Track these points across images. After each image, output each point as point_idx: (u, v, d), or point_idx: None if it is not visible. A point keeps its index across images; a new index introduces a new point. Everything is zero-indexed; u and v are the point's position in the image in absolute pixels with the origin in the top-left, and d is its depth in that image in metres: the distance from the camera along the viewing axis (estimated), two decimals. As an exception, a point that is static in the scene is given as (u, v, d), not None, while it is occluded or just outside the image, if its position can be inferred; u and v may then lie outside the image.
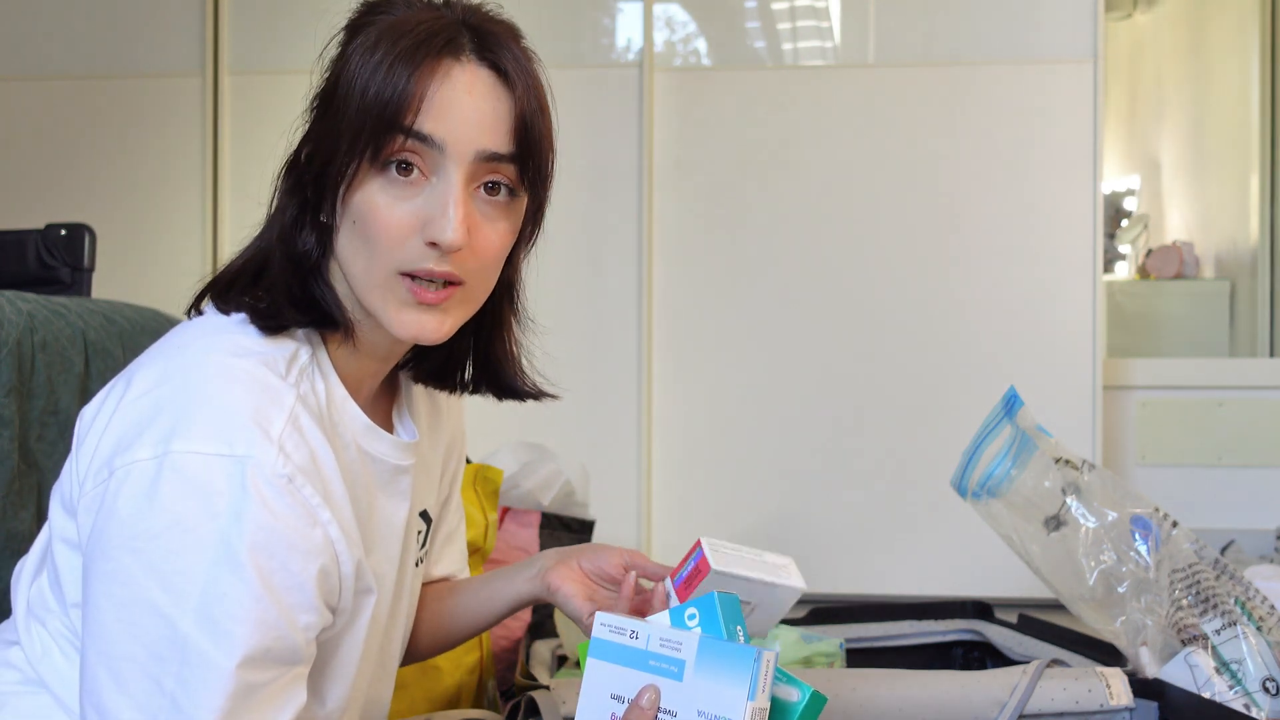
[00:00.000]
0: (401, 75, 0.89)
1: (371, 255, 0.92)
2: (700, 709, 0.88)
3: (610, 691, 0.93)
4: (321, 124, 0.93)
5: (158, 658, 0.84)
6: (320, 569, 0.89)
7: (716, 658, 0.89)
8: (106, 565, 0.86)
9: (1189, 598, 1.51)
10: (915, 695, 1.35)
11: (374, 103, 0.89)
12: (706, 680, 0.89)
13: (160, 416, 0.87)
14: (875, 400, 2.92)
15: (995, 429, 1.64)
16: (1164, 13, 4.69)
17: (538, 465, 2.28)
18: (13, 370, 1.26)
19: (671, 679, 0.90)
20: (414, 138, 0.90)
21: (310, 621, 0.89)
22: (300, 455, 0.89)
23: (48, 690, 0.98)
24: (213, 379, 0.89)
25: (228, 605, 0.84)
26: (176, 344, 0.95)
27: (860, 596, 2.88)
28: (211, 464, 0.85)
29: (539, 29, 3.15)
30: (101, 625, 0.85)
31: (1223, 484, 3.06)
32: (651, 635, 0.92)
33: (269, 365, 0.92)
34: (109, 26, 3.08)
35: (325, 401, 0.95)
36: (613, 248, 2.96)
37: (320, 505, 0.89)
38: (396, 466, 1.03)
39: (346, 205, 0.92)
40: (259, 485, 0.85)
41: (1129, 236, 4.73)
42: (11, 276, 1.74)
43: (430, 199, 0.91)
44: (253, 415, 0.87)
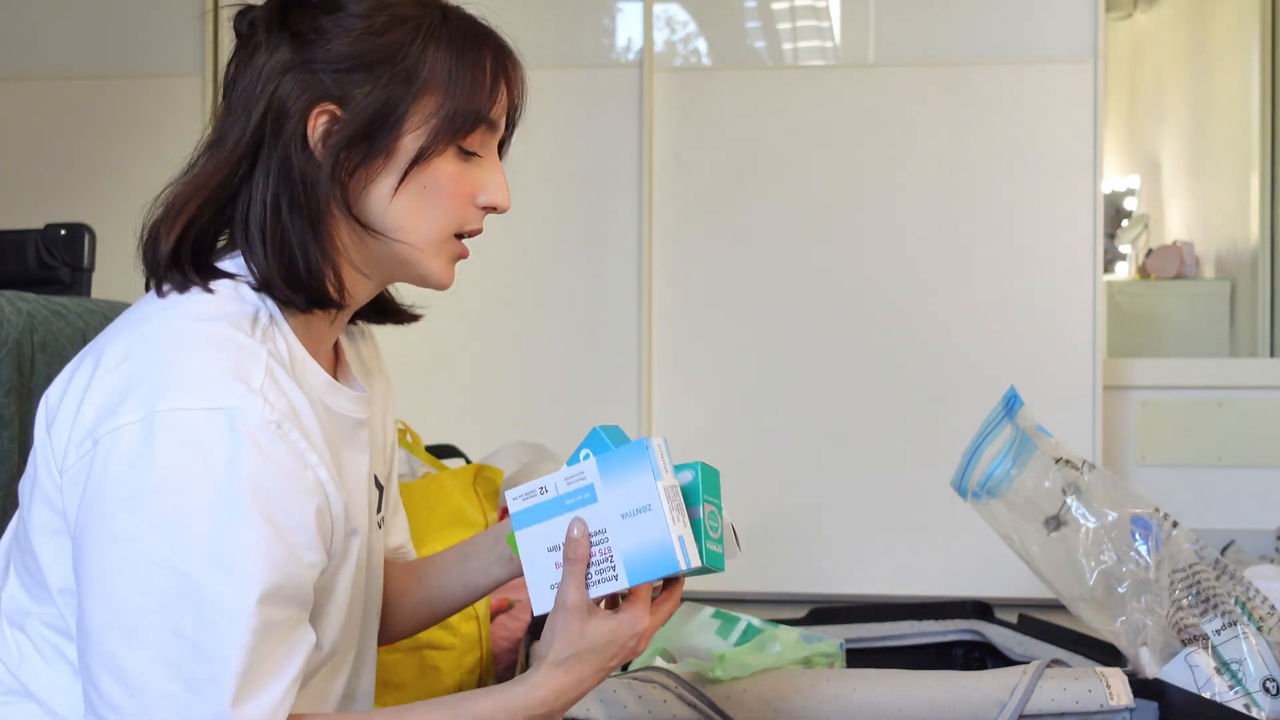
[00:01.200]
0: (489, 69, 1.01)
1: (437, 218, 1.01)
2: (621, 513, 0.95)
3: (546, 547, 0.99)
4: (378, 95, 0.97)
5: (171, 609, 0.85)
6: (317, 509, 0.91)
7: (616, 465, 0.96)
8: (104, 529, 0.86)
9: (1189, 598, 1.51)
10: (915, 695, 1.35)
11: (472, 97, 1.00)
12: (616, 488, 0.95)
13: (140, 383, 0.89)
14: (875, 400, 2.92)
15: (995, 429, 1.64)
16: (1164, 13, 4.69)
17: (538, 465, 2.28)
18: (13, 370, 1.27)
19: (589, 505, 0.96)
20: (491, 126, 1.03)
21: (314, 559, 0.91)
22: (282, 405, 0.91)
23: (32, 698, 0.97)
24: (186, 342, 0.91)
25: (237, 546, 0.86)
26: (139, 318, 0.97)
27: (860, 596, 2.88)
28: (200, 418, 0.87)
29: (539, 29, 3.17)
30: (106, 590, 0.86)
31: (1223, 484, 3.06)
32: (557, 482, 0.99)
33: (236, 326, 0.94)
34: (109, 26, 3.08)
35: (289, 360, 0.98)
36: (613, 248, 2.96)
37: (307, 449, 0.92)
38: (356, 420, 1.05)
39: (418, 172, 0.99)
40: (251, 431, 0.87)
41: (1129, 236, 4.73)
42: (11, 276, 1.74)
43: (484, 170, 1.04)
44: (232, 370, 0.90)
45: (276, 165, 0.97)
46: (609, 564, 0.95)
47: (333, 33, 0.98)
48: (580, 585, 0.95)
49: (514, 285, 2.93)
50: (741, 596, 2.92)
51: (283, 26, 0.99)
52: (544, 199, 2.97)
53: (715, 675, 1.37)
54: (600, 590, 0.95)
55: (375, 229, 0.99)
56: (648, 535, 0.94)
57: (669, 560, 0.93)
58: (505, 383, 2.97)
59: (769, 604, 2.87)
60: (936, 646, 1.76)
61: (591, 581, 0.95)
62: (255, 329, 0.95)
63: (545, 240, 2.97)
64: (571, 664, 0.96)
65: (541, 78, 3.47)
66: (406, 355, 2.55)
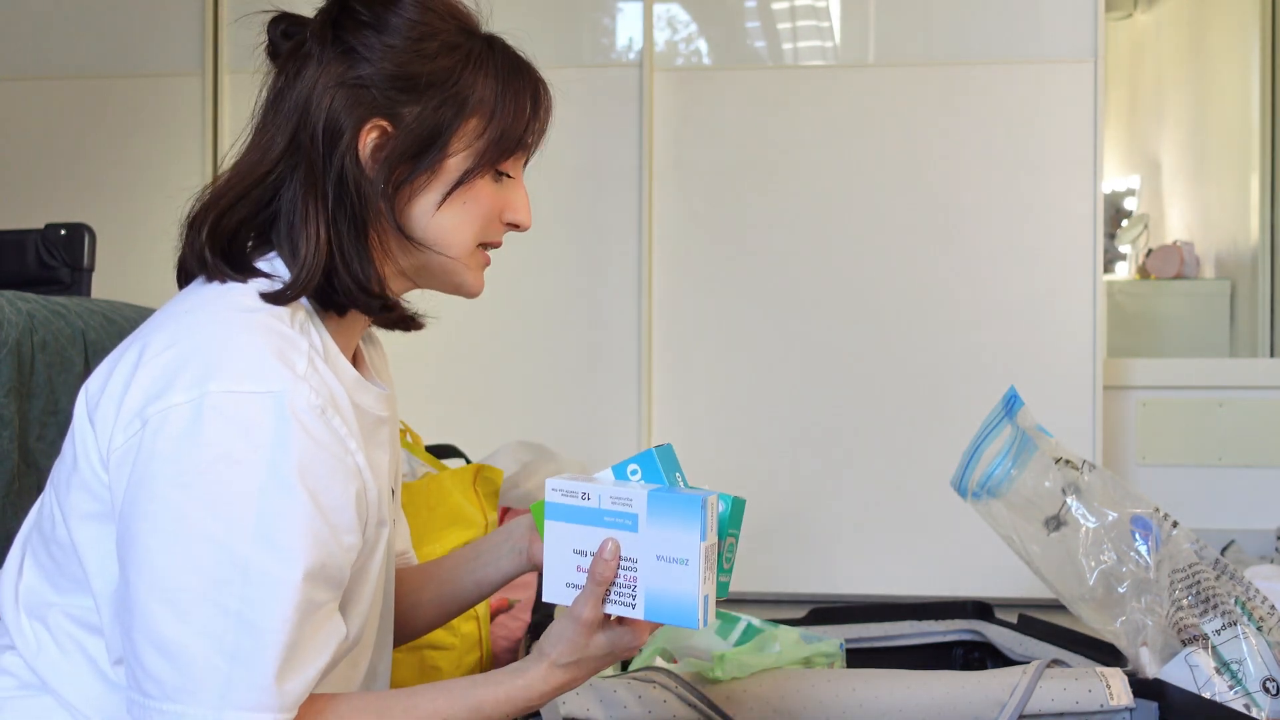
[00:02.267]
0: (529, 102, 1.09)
1: (472, 230, 1.07)
2: (658, 554, 0.97)
3: (572, 547, 1.01)
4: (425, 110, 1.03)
5: (217, 582, 0.88)
6: (357, 492, 0.95)
7: (666, 508, 0.97)
8: (152, 506, 0.89)
9: (1189, 598, 1.51)
10: (915, 695, 1.35)
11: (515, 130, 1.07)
12: (660, 529, 0.97)
13: (188, 365, 0.92)
14: (875, 400, 2.92)
15: (995, 429, 1.64)
16: (1164, 13, 4.69)
17: (538, 465, 2.28)
18: (13, 370, 1.27)
19: (627, 531, 0.98)
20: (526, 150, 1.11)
21: (352, 542, 0.95)
22: (324, 391, 0.96)
23: (48, 690, 0.98)
24: (233, 328, 0.95)
25: (284, 523, 0.89)
26: (182, 309, 1.00)
27: (860, 596, 2.88)
28: (248, 400, 0.90)
29: (539, 29, 3.16)
30: (153, 565, 0.88)
31: (1223, 484, 3.06)
32: (602, 494, 1.00)
33: (277, 317, 0.98)
34: (109, 26, 3.08)
35: (324, 355, 1.01)
36: (613, 248, 2.96)
37: (347, 435, 0.96)
38: (379, 418, 1.08)
39: (462, 190, 1.05)
40: (298, 413, 0.91)
41: (1129, 236, 4.73)
42: (11, 276, 1.74)
43: (511, 189, 1.11)
44: (278, 355, 0.94)
45: (332, 176, 1.01)
46: (630, 591, 0.98)
47: (385, 53, 1.03)
48: (597, 603, 0.99)
49: (514, 285, 2.93)
50: (741, 596, 2.92)
51: (336, 41, 1.03)
52: (544, 199, 2.95)
53: (715, 675, 1.37)
54: (614, 609, 0.99)
55: (418, 240, 1.05)
56: (677, 585, 0.97)
57: (689, 615, 0.97)
58: (505, 383, 2.97)
59: (769, 604, 2.87)
60: (936, 646, 1.76)
61: (609, 599, 0.99)
62: (294, 322, 0.99)
63: (545, 240, 2.97)
64: (571, 668, 1.01)
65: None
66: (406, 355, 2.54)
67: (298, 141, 1.02)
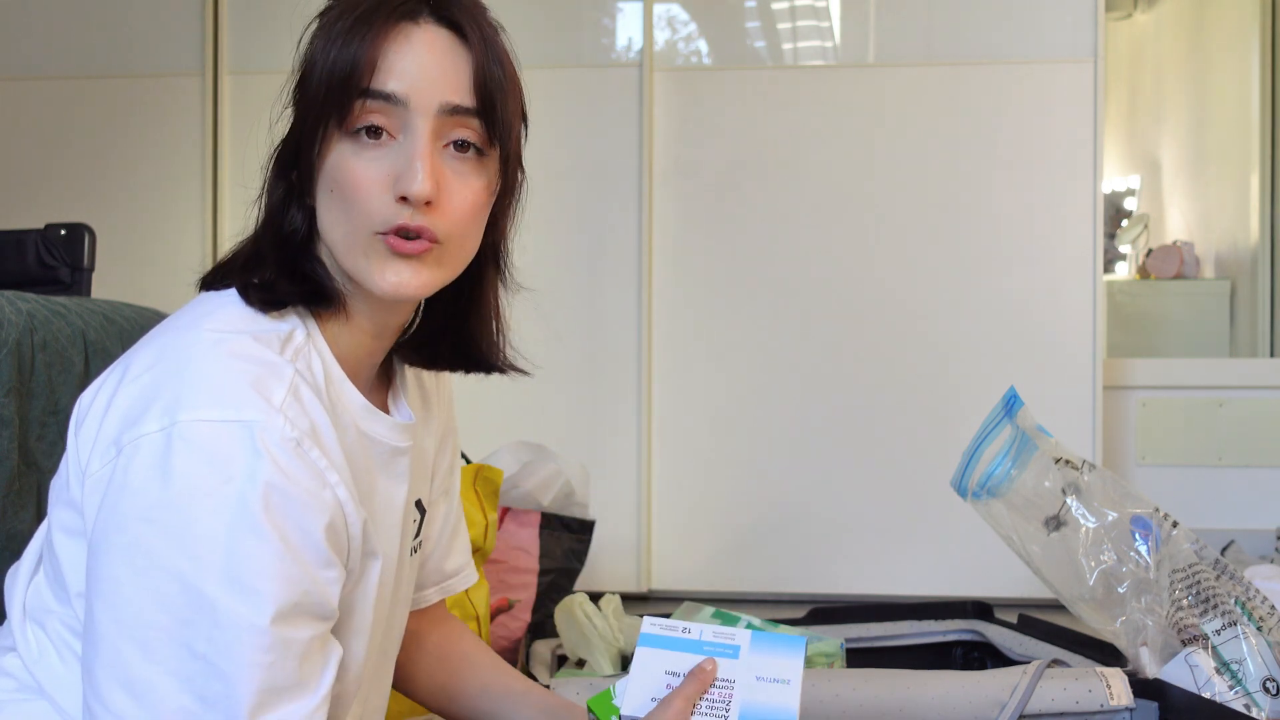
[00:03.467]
0: (358, 40, 0.93)
1: (349, 219, 0.94)
2: (758, 676, 1.00)
3: (665, 669, 1.02)
4: (297, 106, 0.97)
5: (185, 623, 0.84)
6: (329, 523, 0.90)
7: (768, 642, 1.02)
8: (122, 538, 0.86)
9: (1189, 598, 1.51)
10: (915, 695, 1.35)
11: (334, 70, 0.93)
12: (762, 656, 1.01)
13: (163, 391, 0.89)
14: (875, 400, 2.92)
15: (995, 429, 1.64)
16: (1164, 13, 4.69)
17: (538, 465, 2.28)
18: (13, 370, 1.26)
19: (728, 658, 1.01)
20: (375, 98, 0.93)
21: (332, 575, 0.91)
22: (303, 423, 0.90)
23: (44, 696, 0.97)
24: (210, 353, 0.91)
25: (252, 564, 0.85)
26: (170, 326, 0.97)
27: (860, 596, 2.88)
28: (220, 430, 0.86)
29: (539, 29, 3.16)
30: (121, 599, 0.85)
31: (1223, 484, 3.06)
32: (704, 630, 1.03)
33: (263, 342, 0.93)
34: (109, 26, 3.08)
35: (323, 381, 0.97)
36: (613, 248, 2.96)
37: (328, 468, 0.91)
38: (395, 448, 1.04)
39: (321, 175, 0.95)
40: (269, 446, 0.87)
41: (1129, 236, 4.73)
42: (11, 276, 1.74)
43: (398, 155, 0.94)
44: (254, 384, 0.89)
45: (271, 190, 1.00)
46: (723, 706, 0.99)
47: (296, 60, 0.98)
48: (690, 701, 0.99)
49: (513, 285, 2.93)
50: (742, 596, 2.92)
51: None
52: (544, 199, 2.96)
53: (715, 675, 1.36)
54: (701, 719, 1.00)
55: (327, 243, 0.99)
56: (776, 701, 0.99)
57: None
58: (505, 383, 2.96)
59: (769, 604, 2.87)
60: (936, 646, 1.76)
61: (699, 710, 0.99)
62: (286, 347, 0.95)
63: (545, 240, 2.97)
64: None
65: (541, 78, 3.48)
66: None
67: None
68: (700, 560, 2.95)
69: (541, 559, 2.20)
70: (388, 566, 1.04)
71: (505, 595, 2.15)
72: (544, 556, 2.20)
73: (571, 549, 2.26)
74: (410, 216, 0.93)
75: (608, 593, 1.79)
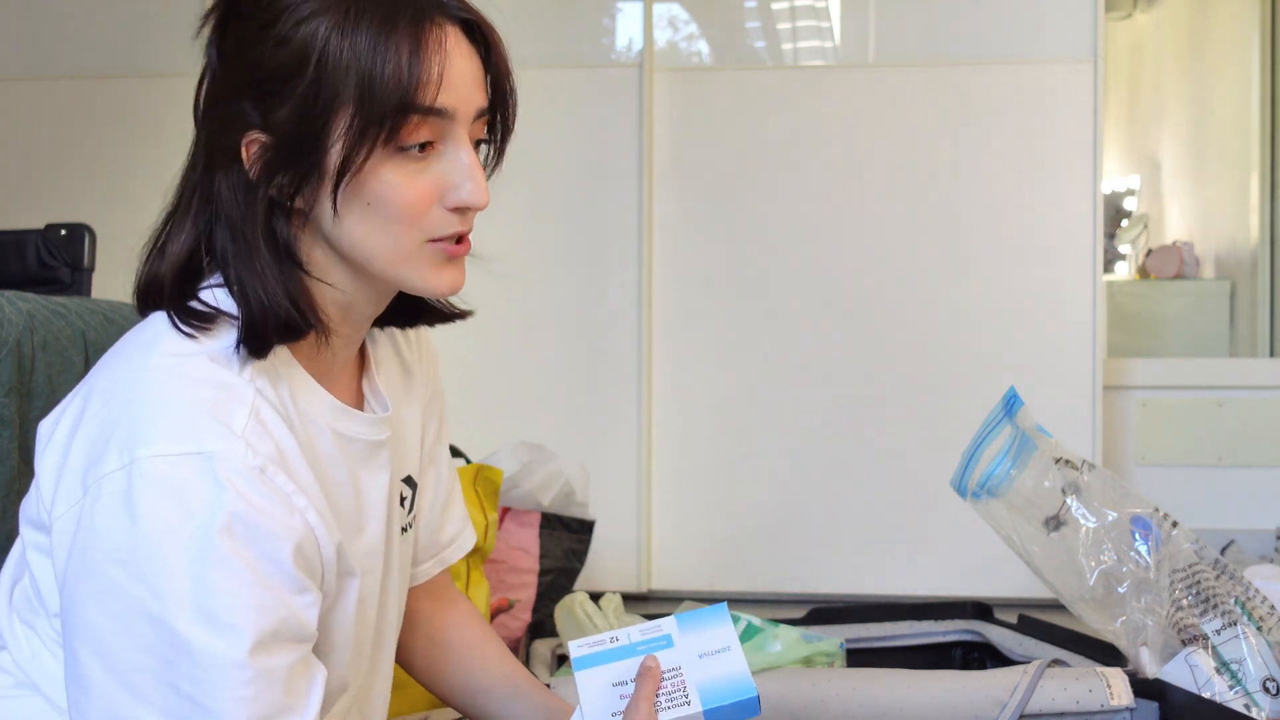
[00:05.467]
0: (406, 52, 0.89)
1: (397, 232, 0.92)
2: (700, 653, 1.01)
3: (610, 682, 1.01)
4: (296, 110, 0.89)
5: (167, 663, 0.83)
6: (297, 548, 0.88)
7: (693, 620, 1.03)
8: (96, 583, 0.85)
9: (1189, 598, 1.51)
10: (915, 695, 1.35)
11: (387, 85, 0.88)
12: (694, 635, 1.02)
13: (120, 426, 0.87)
14: (875, 400, 2.92)
15: (995, 429, 1.64)
16: (1164, 13, 4.69)
17: (538, 465, 2.28)
18: (13, 370, 1.26)
19: (664, 649, 1.01)
20: (432, 114, 0.90)
21: (306, 600, 0.89)
22: (266, 446, 0.88)
23: (39, 693, 0.97)
24: (165, 380, 0.89)
25: (223, 599, 0.83)
26: (125, 349, 0.94)
27: (860, 596, 2.88)
28: (180, 464, 0.84)
29: (539, 29, 3.16)
30: (104, 643, 0.84)
31: (1223, 484, 3.06)
32: (630, 632, 1.03)
33: (219, 362, 0.91)
34: (109, 26, 3.08)
35: (289, 392, 0.95)
36: (613, 248, 2.96)
37: (295, 492, 0.89)
38: (374, 443, 1.03)
39: (356, 188, 0.91)
40: (231, 477, 0.85)
41: (1129, 236, 4.73)
42: (11, 276, 1.74)
43: (446, 167, 0.93)
44: (211, 412, 0.87)
45: (218, 199, 0.93)
46: (681, 693, 0.99)
47: (249, 50, 0.90)
48: (651, 699, 0.98)
49: (513, 285, 2.93)
50: (741, 596, 2.92)
51: (220, 46, 0.93)
52: (544, 199, 2.97)
53: (715, 675, 1.36)
54: (668, 715, 0.99)
55: (340, 250, 0.94)
56: (726, 669, 1.00)
57: (746, 687, 0.99)
58: (505, 383, 2.97)
59: (769, 604, 2.87)
60: (936, 646, 1.76)
61: (660, 707, 0.99)
62: (246, 364, 0.92)
63: (545, 240, 2.97)
64: None
65: (541, 78, 3.47)
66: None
67: (199, 167, 0.95)
68: (700, 560, 2.95)
69: (541, 559, 2.20)
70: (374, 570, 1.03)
71: (505, 595, 2.15)
72: (544, 556, 2.20)
73: (571, 549, 2.26)
74: (460, 223, 0.94)
75: (608, 592, 1.79)
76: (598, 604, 1.75)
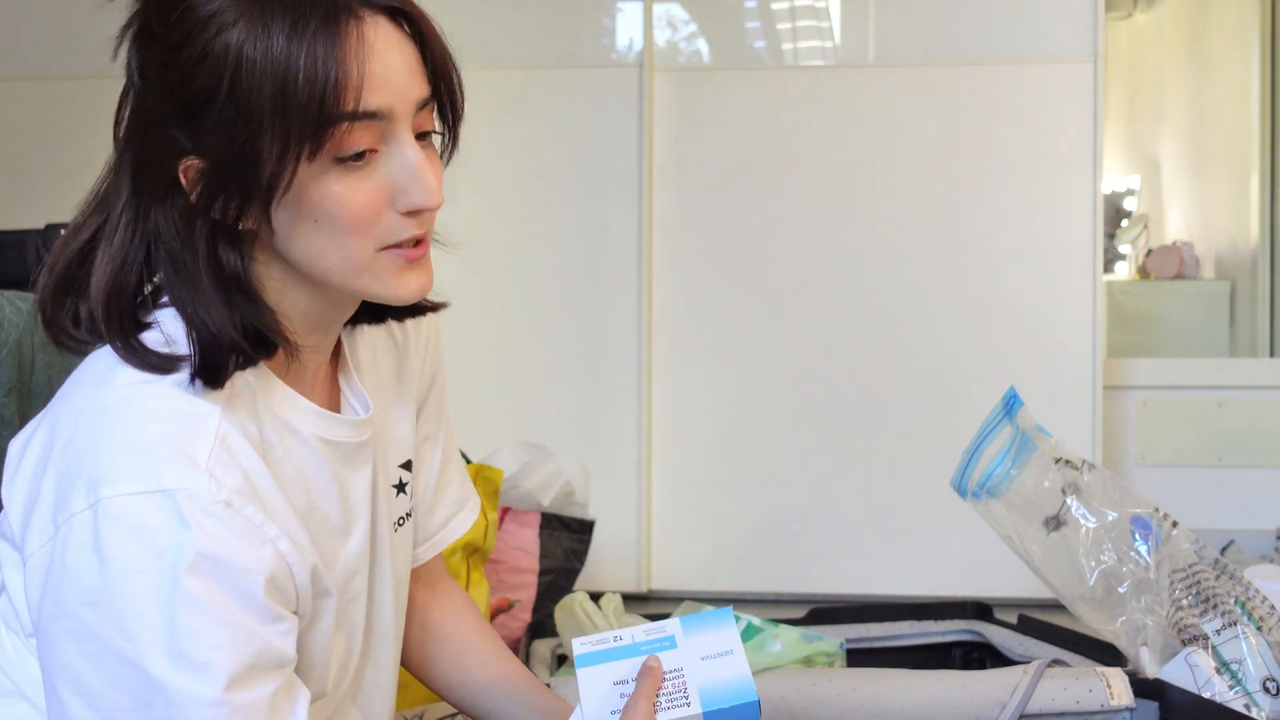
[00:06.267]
0: (320, 57, 0.83)
1: (349, 244, 0.88)
2: (702, 656, 1.01)
3: (611, 681, 1.01)
4: (222, 132, 0.85)
5: (144, 703, 0.82)
6: (269, 579, 0.86)
7: (697, 622, 1.03)
8: (70, 624, 0.84)
9: (1189, 598, 1.51)
10: (915, 695, 1.35)
11: (304, 94, 0.83)
12: (697, 637, 1.02)
13: (84, 464, 0.85)
14: (875, 400, 2.92)
15: (995, 429, 1.64)
16: (1164, 13, 4.69)
17: (538, 465, 2.28)
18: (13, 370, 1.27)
19: (667, 650, 1.02)
20: (361, 119, 0.85)
21: (282, 628, 0.88)
22: (232, 477, 0.86)
23: (25, 699, 0.96)
24: (127, 416, 0.86)
25: (194, 638, 0.82)
26: (87, 377, 0.91)
27: (860, 596, 2.88)
28: (144, 502, 0.83)
29: (539, 29, 3.16)
30: (84, 684, 0.84)
31: (1223, 484, 3.06)
32: (634, 632, 1.03)
33: (183, 386, 0.88)
34: (109, 27, 3.07)
35: (264, 407, 0.93)
36: (613, 248, 2.96)
37: (265, 522, 0.87)
38: (357, 444, 1.01)
39: (298, 205, 0.87)
40: (196, 514, 0.83)
41: (1129, 236, 4.73)
42: (11, 276, 1.74)
43: (391, 170, 0.88)
44: (175, 445, 0.85)
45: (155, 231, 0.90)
46: (681, 694, 1.00)
47: (166, 73, 0.86)
48: (650, 700, 0.98)
49: (513, 285, 2.93)
50: (741, 596, 2.92)
51: (140, 67, 0.90)
52: (544, 199, 2.97)
53: (715, 675, 1.36)
54: (667, 715, 0.99)
55: (298, 267, 0.91)
56: (727, 672, 1.00)
57: (747, 691, 0.99)
58: (505, 383, 2.97)
59: (769, 604, 2.87)
60: (936, 646, 1.76)
61: (660, 707, 0.99)
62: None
63: (545, 240, 2.97)
64: None
65: (541, 78, 3.47)
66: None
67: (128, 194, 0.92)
68: (700, 560, 2.95)
69: (541, 559, 2.20)
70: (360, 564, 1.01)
71: (505, 595, 2.15)
72: (544, 556, 2.20)
73: (571, 549, 2.26)
74: (416, 226, 0.90)
75: (608, 592, 1.79)
76: (598, 604, 1.75)
